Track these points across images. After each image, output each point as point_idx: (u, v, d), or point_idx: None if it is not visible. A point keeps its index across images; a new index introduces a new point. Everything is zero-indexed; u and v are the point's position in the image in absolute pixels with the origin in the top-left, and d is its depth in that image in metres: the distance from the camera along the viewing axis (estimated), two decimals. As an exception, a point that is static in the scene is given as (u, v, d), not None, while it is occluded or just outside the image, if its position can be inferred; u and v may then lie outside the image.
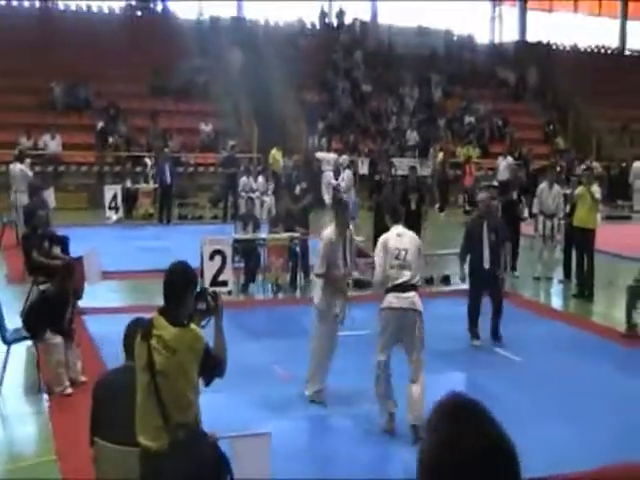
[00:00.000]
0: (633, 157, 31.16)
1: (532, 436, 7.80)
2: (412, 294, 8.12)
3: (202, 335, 5.18)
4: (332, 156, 26.58)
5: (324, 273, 8.89)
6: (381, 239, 8.43)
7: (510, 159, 26.54)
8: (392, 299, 8.05)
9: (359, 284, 14.35)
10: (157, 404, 5.06)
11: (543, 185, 16.48)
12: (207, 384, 5.39)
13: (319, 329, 8.96)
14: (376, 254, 8.32)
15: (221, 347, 5.40)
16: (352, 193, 22.00)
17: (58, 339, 8.87)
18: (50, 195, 19.17)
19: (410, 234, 8.47)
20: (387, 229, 9.16)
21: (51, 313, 9.04)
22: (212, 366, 5.26)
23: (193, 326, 5.23)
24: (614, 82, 36.46)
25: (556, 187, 16.26)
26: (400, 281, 8.08)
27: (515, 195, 16.63)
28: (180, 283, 5.28)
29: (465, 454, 1.81)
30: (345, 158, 24.36)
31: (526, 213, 17.46)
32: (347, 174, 22.03)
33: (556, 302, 15.23)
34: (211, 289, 5.78)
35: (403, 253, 8.16)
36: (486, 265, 11.10)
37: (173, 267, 5.41)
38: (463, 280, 11.87)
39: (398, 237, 8.31)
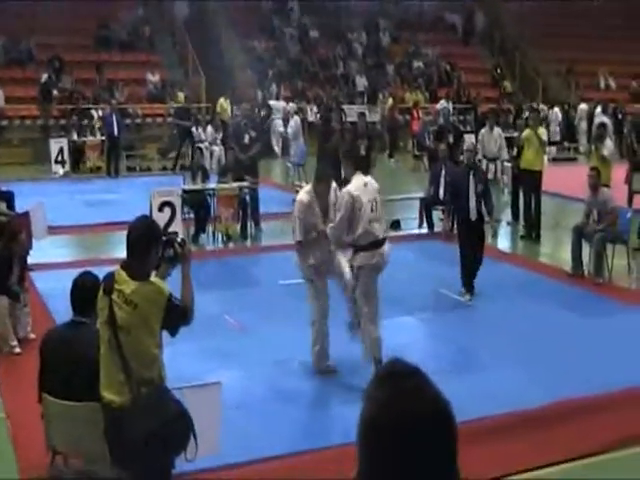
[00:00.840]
0: (580, 99, 31.40)
1: (483, 377, 7.97)
2: (386, 248, 8.02)
3: (164, 287, 5.14)
4: (282, 104, 26.48)
5: (302, 240, 8.17)
6: (349, 192, 7.85)
7: (444, 103, 26.62)
8: (373, 256, 7.89)
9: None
10: (119, 359, 5.02)
11: (484, 130, 16.59)
12: (173, 335, 5.36)
13: (310, 297, 8.38)
14: (342, 207, 7.82)
15: (188, 294, 5.41)
16: (300, 140, 21.96)
17: (3, 300, 8.77)
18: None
19: (372, 182, 8.14)
20: (337, 175, 9.11)
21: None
22: (177, 316, 5.23)
23: (154, 279, 5.17)
24: (560, 26, 36.54)
25: (497, 130, 16.38)
26: (377, 236, 7.89)
27: (451, 139, 16.70)
28: (143, 238, 5.20)
29: (403, 416, 1.84)
30: (292, 106, 24.26)
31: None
32: (295, 121, 22.00)
33: (504, 244, 15.40)
34: (179, 238, 5.71)
35: (374, 205, 7.88)
36: (472, 217, 11.00)
37: (137, 222, 5.35)
38: (450, 231, 11.84)
39: (365, 187, 7.92)
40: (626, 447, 6.57)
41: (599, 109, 28.48)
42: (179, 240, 5.52)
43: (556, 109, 29.74)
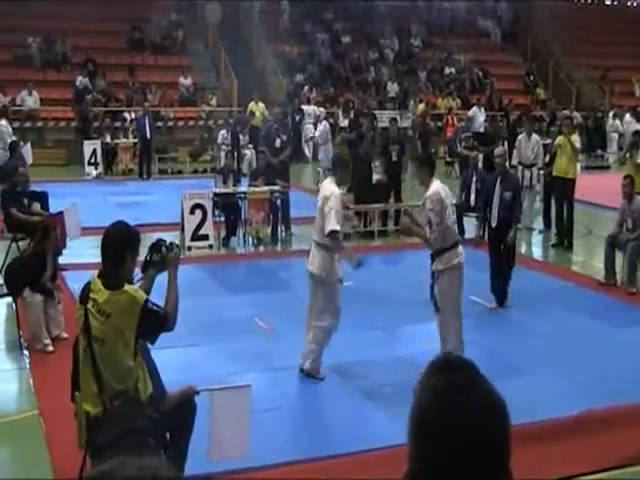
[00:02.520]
0: (611, 106, 31.12)
1: (513, 384, 7.89)
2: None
3: (138, 295, 4.99)
4: (312, 108, 26.51)
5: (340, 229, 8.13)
6: (438, 194, 7.97)
7: (476, 110, 26.51)
8: (461, 254, 8.11)
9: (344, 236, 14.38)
10: (93, 371, 4.96)
11: (521, 136, 16.48)
12: (152, 343, 5.22)
13: (331, 301, 8.21)
14: (435, 211, 7.90)
15: (172, 300, 5.24)
16: (329, 145, 21.94)
17: (37, 297, 8.85)
18: (28, 151, 18.99)
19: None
20: (366, 180, 9.15)
21: (29, 273, 9.00)
22: (154, 324, 5.06)
23: (128, 287, 5.02)
24: (594, 32, 36.32)
25: (534, 137, 16.25)
26: (457, 237, 8.24)
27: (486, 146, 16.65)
28: (118, 244, 5.07)
29: (457, 407, 1.83)
30: (322, 110, 24.25)
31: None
32: (323, 126, 21.98)
33: (536, 252, 15.30)
34: (168, 241, 5.52)
35: (453, 209, 8.29)
36: (494, 223, 10.92)
37: (112, 227, 5.23)
38: (480, 239, 11.88)
39: (446, 191, 8.18)
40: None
41: (628, 116, 28.28)
42: (167, 244, 5.38)
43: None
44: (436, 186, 8.12)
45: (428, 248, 8.25)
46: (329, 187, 8.21)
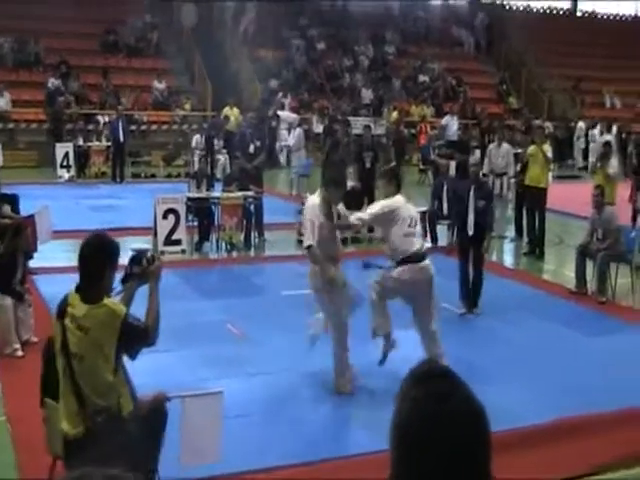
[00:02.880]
0: (584, 117, 31.43)
1: (483, 392, 7.91)
2: (426, 262, 8.13)
3: (118, 308, 4.87)
4: (287, 114, 26.52)
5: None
6: (389, 204, 8.08)
7: (449, 118, 26.68)
8: (405, 271, 7.99)
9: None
10: (73, 388, 4.81)
11: (492, 145, 16.62)
12: (132, 358, 5.06)
13: (336, 307, 7.96)
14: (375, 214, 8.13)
15: (153, 313, 5.14)
16: (302, 152, 21.96)
17: (7, 300, 8.77)
18: (-2, 152, 18.87)
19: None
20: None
21: (0, 275, 8.91)
22: (135, 338, 4.95)
23: (108, 300, 4.89)
24: (566, 42, 36.69)
25: (505, 145, 16.37)
26: (413, 249, 8.00)
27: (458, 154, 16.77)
28: (96, 256, 4.92)
29: (437, 416, 1.85)
30: (296, 117, 24.25)
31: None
32: (297, 133, 21.99)
33: (508, 260, 15.42)
34: (149, 253, 5.43)
35: (414, 221, 8.10)
36: (470, 231, 10.92)
37: (89, 239, 5.07)
38: (451, 246, 11.90)
39: (407, 204, 8.18)
40: (627, 467, 6.55)
41: (598, 128, 28.60)
42: (148, 256, 5.25)
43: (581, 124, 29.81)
44: (395, 199, 8.17)
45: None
46: (310, 198, 8.19)
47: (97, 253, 4.95)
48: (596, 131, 28.83)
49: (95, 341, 4.77)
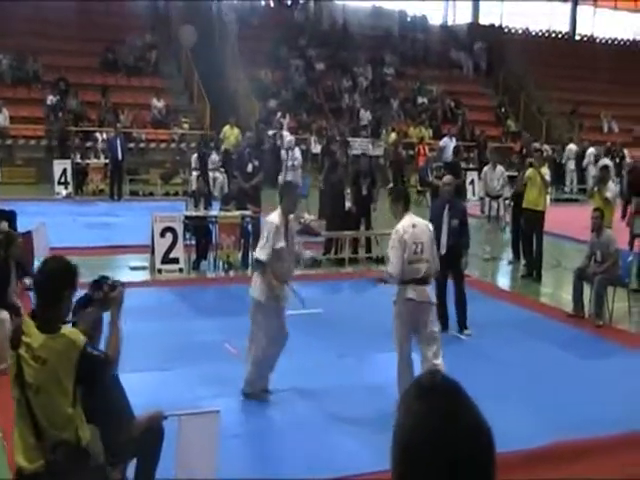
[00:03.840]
0: (569, 139, 31.55)
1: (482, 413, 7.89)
2: (428, 287, 8.21)
3: (77, 338, 4.57)
4: (286, 134, 26.54)
5: (266, 260, 8.17)
6: (397, 232, 8.09)
7: (447, 140, 26.76)
8: (413, 291, 8.03)
9: (309, 262, 14.45)
10: (29, 421, 4.55)
11: (487, 167, 16.68)
12: (91, 390, 4.75)
13: (259, 322, 8.29)
14: (392, 247, 8.07)
15: (114, 343, 4.85)
16: (299, 172, 21.95)
17: (4, 314, 8.74)
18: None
19: (422, 223, 8.36)
20: (339, 207, 9.22)
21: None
22: (94, 369, 4.65)
23: (66, 329, 4.63)
24: (564, 66, 36.89)
25: (499, 168, 16.42)
26: (419, 275, 8.06)
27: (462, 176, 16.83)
28: (53, 280, 4.63)
29: (442, 432, 1.81)
30: (291, 138, 24.28)
31: (473, 194, 17.68)
32: (296, 153, 22.02)
33: (505, 282, 15.41)
34: (111, 279, 5.12)
35: (420, 247, 8.08)
36: (442, 251, 10.79)
37: (46, 263, 4.83)
38: None
39: (414, 229, 8.14)
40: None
41: (591, 150, 28.80)
42: (109, 282, 5.00)
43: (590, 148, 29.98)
44: (402, 222, 8.19)
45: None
46: (271, 214, 8.43)
47: (53, 278, 4.65)
48: (589, 153, 29.10)
49: (53, 373, 4.50)
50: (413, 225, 8.16)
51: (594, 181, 15.63)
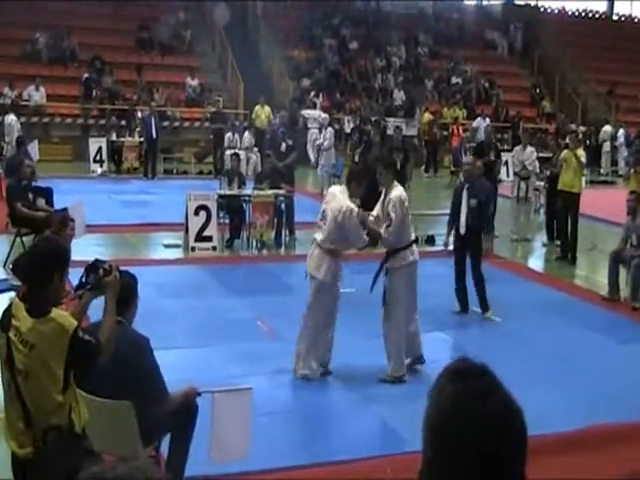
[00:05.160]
0: (605, 120, 31.21)
1: (515, 397, 7.87)
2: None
3: (67, 322, 4.38)
4: (318, 113, 26.49)
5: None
6: (402, 198, 8.41)
7: (481, 120, 26.57)
8: (415, 252, 8.58)
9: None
10: (19, 406, 4.43)
11: (518, 147, 16.56)
12: (82, 376, 4.62)
13: (321, 303, 8.34)
14: (397, 212, 8.30)
15: (108, 329, 4.64)
16: (332, 151, 21.93)
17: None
18: (34, 147, 19.02)
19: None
20: (373, 187, 9.27)
21: None
22: (85, 355, 4.46)
23: (56, 313, 4.41)
24: (601, 47, 36.40)
25: (529, 149, 16.27)
26: (413, 237, 8.69)
27: (492, 156, 16.65)
28: (43, 261, 4.47)
29: (475, 412, 1.82)
30: (326, 116, 24.23)
31: (505, 175, 17.54)
32: (329, 132, 21.97)
33: (538, 264, 15.30)
34: (107, 263, 4.89)
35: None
36: (462, 231, 10.89)
37: (37, 244, 4.73)
38: (446, 246, 11.82)
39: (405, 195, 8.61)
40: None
41: (621, 131, 28.44)
42: (105, 266, 4.77)
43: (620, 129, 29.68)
44: (399, 190, 8.53)
45: (383, 246, 8.77)
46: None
47: (44, 257, 4.51)
48: (620, 134, 28.84)
49: (41, 359, 4.34)
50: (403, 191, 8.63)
51: (630, 163, 15.44)
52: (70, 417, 4.48)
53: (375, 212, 8.77)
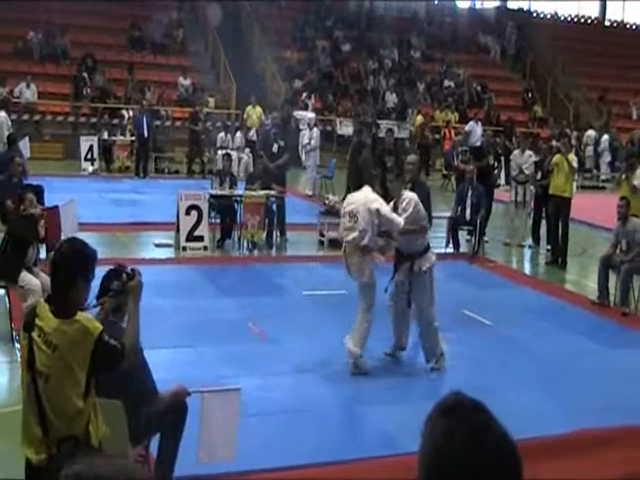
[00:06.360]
0: (589, 125, 31.33)
1: (502, 400, 7.88)
2: None
3: (92, 325, 4.35)
4: (308, 114, 26.50)
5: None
6: (415, 198, 8.61)
7: (473, 124, 26.61)
8: (433, 255, 8.83)
9: (335, 244, 14.39)
10: (37, 411, 4.35)
11: (516, 152, 16.57)
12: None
13: (371, 300, 8.56)
14: (410, 211, 8.49)
15: (132, 334, 4.64)
16: (318, 152, 21.87)
17: (35, 282, 8.80)
18: (25, 143, 18.95)
19: None
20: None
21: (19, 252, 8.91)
22: (109, 359, 4.43)
23: (82, 316, 4.38)
24: (593, 52, 36.52)
25: (527, 153, 16.29)
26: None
27: (491, 160, 16.69)
28: (69, 263, 4.43)
29: (470, 448, 1.81)
30: (311, 117, 24.21)
31: (502, 180, 17.57)
32: (315, 133, 21.96)
33: (527, 268, 15.33)
34: (129, 268, 4.89)
35: None
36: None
37: (63, 245, 4.65)
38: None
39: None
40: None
41: (605, 137, 28.60)
42: (128, 270, 4.79)
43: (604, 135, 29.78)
44: (410, 193, 8.73)
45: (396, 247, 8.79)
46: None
47: (69, 260, 4.45)
48: (604, 139, 28.99)
49: (64, 361, 4.28)
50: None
51: (622, 169, 15.46)
52: (87, 429, 4.41)
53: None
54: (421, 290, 8.67)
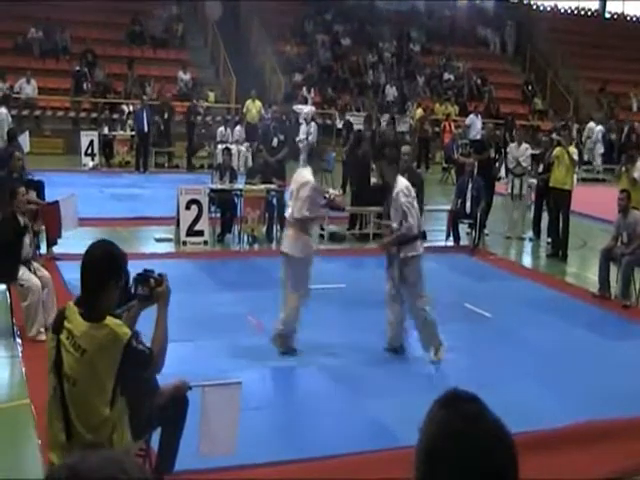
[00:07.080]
0: (590, 117, 31.29)
1: (503, 393, 7.90)
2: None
3: (122, 331, 4.30)
4: (305, 109, 26.49)
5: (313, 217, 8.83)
6: (410, 187, 8.64)
7: (473, 117, 26.59)
8: (422, 245, 8.74)
9: (334, 237, 14.43)
10: (62, 416, 4.32)
11: (513, 144, 16.57)
12: (131, 388, 4.47)
13: (300, 276, 8.66)
14: (409, 201, 8.52)
15: (161, 339, 4.60)
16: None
17: (35, 280, 8.81)
18: (25, 139, 18.95)
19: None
20: (364, 182, 9.39)
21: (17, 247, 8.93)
22: (137, 365, 4.40)
23: (111, 320, 4.31)
24: (593, 45, 36.45)
25: (524, 145, 16.27)
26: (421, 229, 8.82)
27: (493, 154, 16.68)
28: (100, 268, 4.36)
29: (465, 437, 1.84)
30: (308, 111, 24.18)
31: (503, 172, 17.57)
32: (312, 127, 21.94)
33: (528, 261, 15.34)
34: (157, 272, 4.82)
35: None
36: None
37: (93, 247, 4.51)
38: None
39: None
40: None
41: (598, 128, 28.59)
42: (156, 276, 4.72)
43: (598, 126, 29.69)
44: (403, 183, 8.68)
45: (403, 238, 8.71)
46: (303, 173, 8.89)
47: (99, 263, 4.39)
48: (597, 131, 28.97)
49: (91, 365, 4.24)
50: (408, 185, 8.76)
51: (622, 161, 15.43)
52: (112, 437, 4.35)
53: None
54: (408, 284, 8.67)
